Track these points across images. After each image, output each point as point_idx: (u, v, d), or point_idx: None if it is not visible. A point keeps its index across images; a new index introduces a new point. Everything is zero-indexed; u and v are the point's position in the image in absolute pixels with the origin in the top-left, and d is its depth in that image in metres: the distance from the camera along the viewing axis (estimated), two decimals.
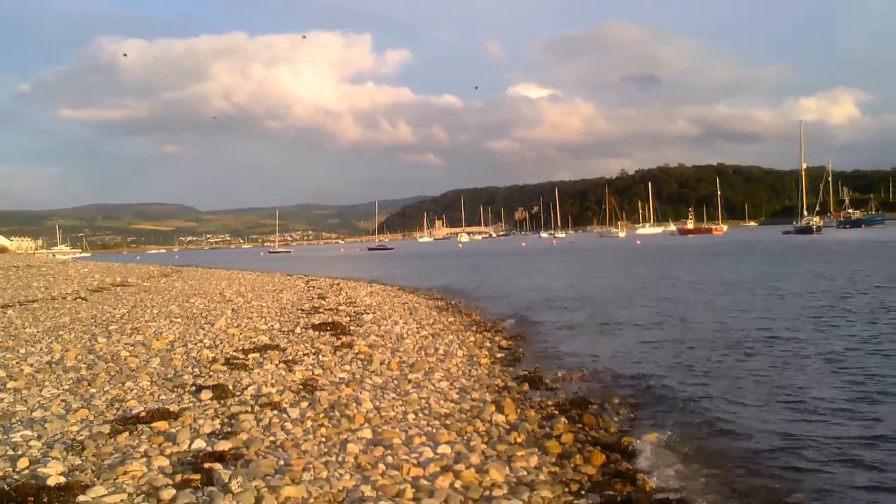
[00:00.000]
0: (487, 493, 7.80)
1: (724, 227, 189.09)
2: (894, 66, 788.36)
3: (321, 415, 10.46)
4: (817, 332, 19.23)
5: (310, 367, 13.89)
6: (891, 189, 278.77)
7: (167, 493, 7.28)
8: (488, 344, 18.87)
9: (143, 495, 7.30)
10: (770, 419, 11.35)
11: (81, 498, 7.15)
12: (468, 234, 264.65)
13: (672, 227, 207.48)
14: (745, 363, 15.70)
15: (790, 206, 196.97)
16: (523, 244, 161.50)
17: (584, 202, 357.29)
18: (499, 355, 17.30)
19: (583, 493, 8.12)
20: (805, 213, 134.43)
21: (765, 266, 47.87)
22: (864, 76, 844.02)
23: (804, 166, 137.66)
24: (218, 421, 10.03)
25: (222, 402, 11.09)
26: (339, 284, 39.31)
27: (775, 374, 14.52)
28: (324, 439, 9.40)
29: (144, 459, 8.34)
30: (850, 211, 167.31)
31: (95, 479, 7.71)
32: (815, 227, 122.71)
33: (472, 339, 19.61)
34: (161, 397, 11.41)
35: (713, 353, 17.02)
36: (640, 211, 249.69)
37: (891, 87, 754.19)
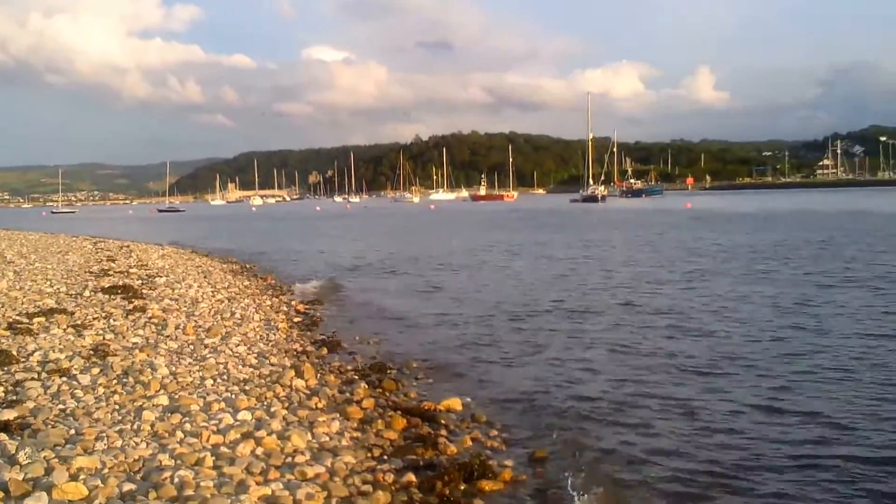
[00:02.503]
0: (290, 459, 7.72)
1: (515, 195, 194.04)
2: (674, 43, 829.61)
3: (114, 381, 10.07)
4: (603, 297, 20.16)
5: (100, 332, 13.34)
6: (669, 160, 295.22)
7: None
8: (285, 308, 18.71)
9: None
10: (564, 381, 11.78)
11: None
12: (262, 197, 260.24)
13: (465, 193, 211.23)
14: (539, 328, 16.20)
15: (577, 174, 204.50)
16: (318, 208, 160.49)
17: (379, 167, 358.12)
18: (296, 319, 17.20)
19: (385, 458, 8.17)
20: (591, 182, 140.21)
21: (553, 233, 49.62)
22: (646, 51, 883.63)
23: (591, 137, 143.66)
24: (1, 389, 9.47)
25: (6, 368, 10.49)
26: (129, 247, 37.94)
27: (565, 336, 15.09)
28: (117, 407, 9.04)
29: None
30: (633, 181, 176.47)
31: None
32: (599, 196, 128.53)
33: (269, 302, 19.37)
34: None
35: (507, 317, 17.53)
36: (434, 177, 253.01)
37: (670, 63, 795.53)
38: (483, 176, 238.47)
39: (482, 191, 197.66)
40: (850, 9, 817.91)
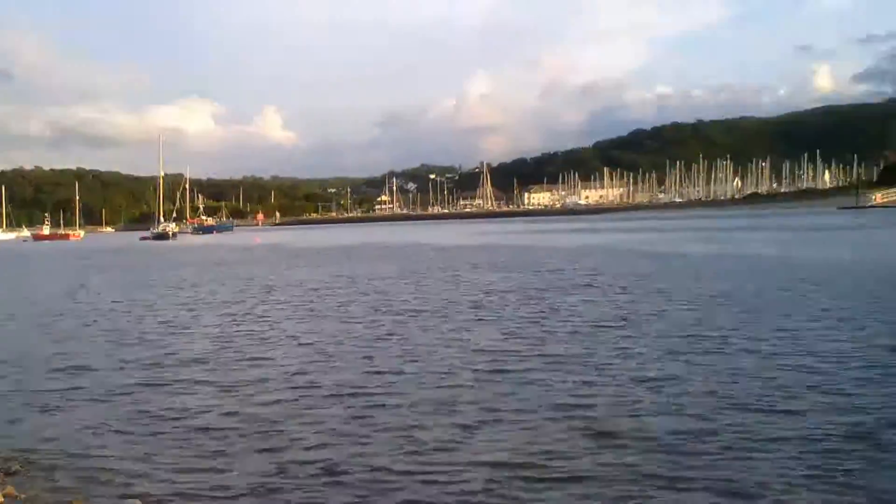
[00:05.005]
0: None
1: (82, 233, 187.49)
2: (241, 81, 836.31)
3: None
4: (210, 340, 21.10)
5: None
6: (241, 197, 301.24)
7: None
8: None
9: None
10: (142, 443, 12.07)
11: None
12: None
13: (27, 232, 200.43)
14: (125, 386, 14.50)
15: (149, 212, 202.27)
16: None
17: None
18: None
19: None
20: (162, 219, 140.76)
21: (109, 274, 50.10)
22: (216, 88, 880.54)
23: (162, 174, 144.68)
24: None
25: None
26: None
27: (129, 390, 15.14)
28: None
29: None
30: (204, 218, 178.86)
31: None
32: (171, 233, 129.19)
33: None
34: None
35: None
36: None
37: (239, 101, 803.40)
38: (47, 214, 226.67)
39: (45, 230, 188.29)
40: (401, 59, 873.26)
